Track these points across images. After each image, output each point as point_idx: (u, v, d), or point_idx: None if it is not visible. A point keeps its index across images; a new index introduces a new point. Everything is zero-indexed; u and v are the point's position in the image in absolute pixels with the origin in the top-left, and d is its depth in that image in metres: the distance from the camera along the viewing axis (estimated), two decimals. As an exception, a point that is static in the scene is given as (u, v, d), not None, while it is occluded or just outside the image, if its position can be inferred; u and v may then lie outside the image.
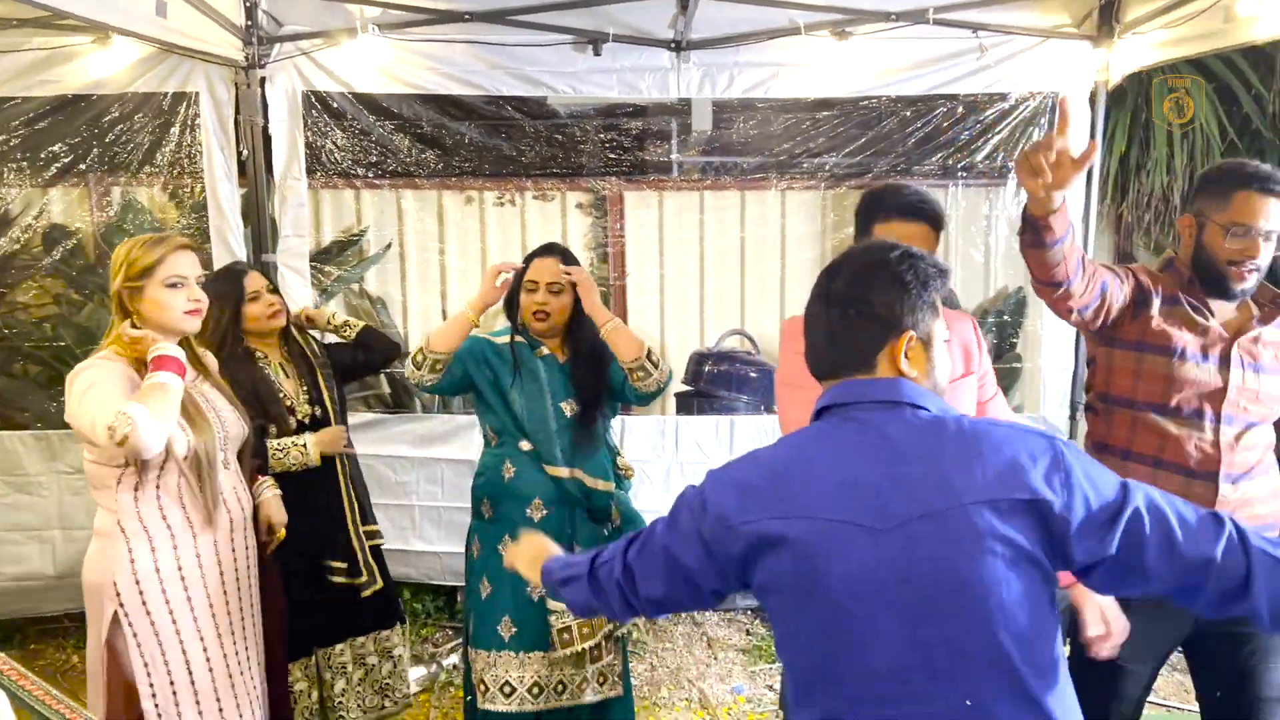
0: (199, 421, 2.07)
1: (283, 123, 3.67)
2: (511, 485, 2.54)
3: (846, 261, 1.40)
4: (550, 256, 2.57)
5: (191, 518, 2.08)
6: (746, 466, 1.40)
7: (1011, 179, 3.97)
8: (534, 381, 2.55)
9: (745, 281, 4.53)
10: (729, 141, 4.32)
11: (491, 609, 2.56)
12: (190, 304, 2.09)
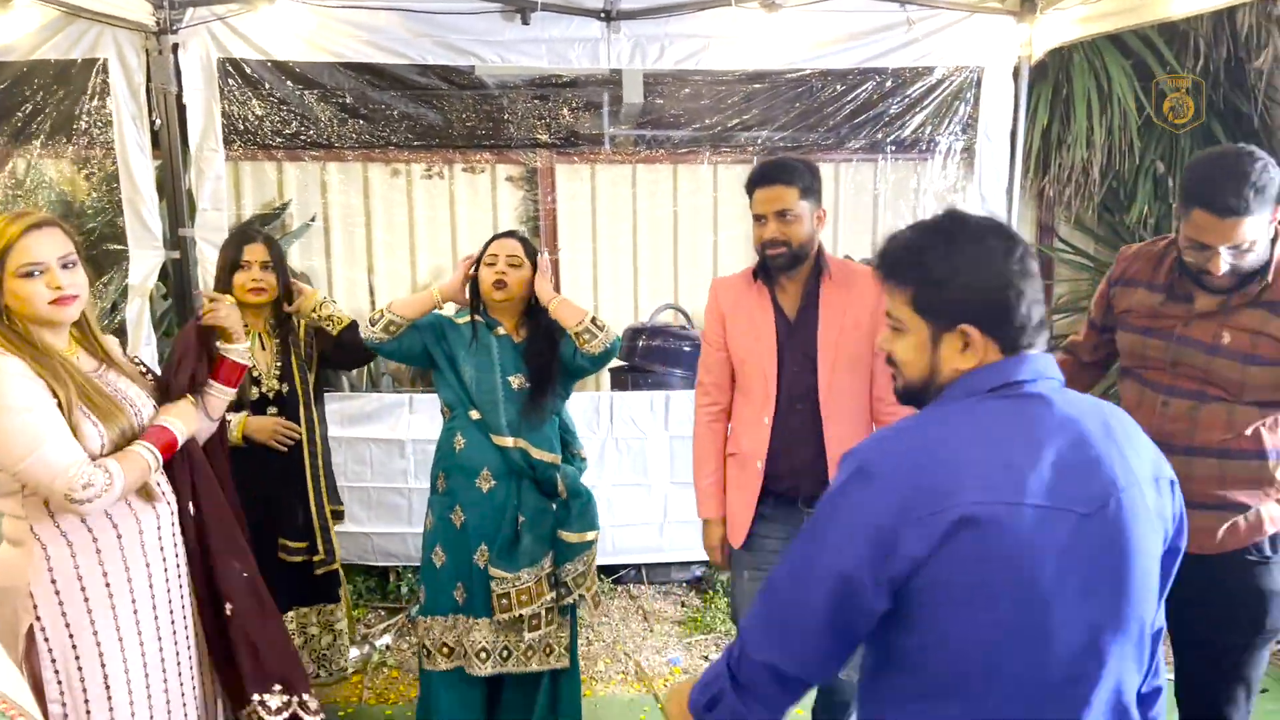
0: (110, 412, 1.91)
1: (198, 91, 3.52)
2: (461, 456, 2.63)
3: (1014, 234, 1.33)
4: (510, 238, 2.70)
5: (115, 518, 1.92)
6: (921, 448, 1.25)
7: (938, 153, 4.02)
8: (485, 355, 2.65)
9: (678, 255, 4.52)
10: (661, 114, 4.30)
11: (443, 577, 2.66)
12: (53, 292, 1.83)
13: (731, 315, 2.49)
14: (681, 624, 3.89)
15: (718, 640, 3.75)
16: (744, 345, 2.46)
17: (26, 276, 1.82)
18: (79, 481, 1.77)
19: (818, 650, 1.29)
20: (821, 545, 1.26)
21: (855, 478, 1.25)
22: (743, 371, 2.48)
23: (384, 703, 3.33)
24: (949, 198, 4.13)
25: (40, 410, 1.79)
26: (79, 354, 1.98)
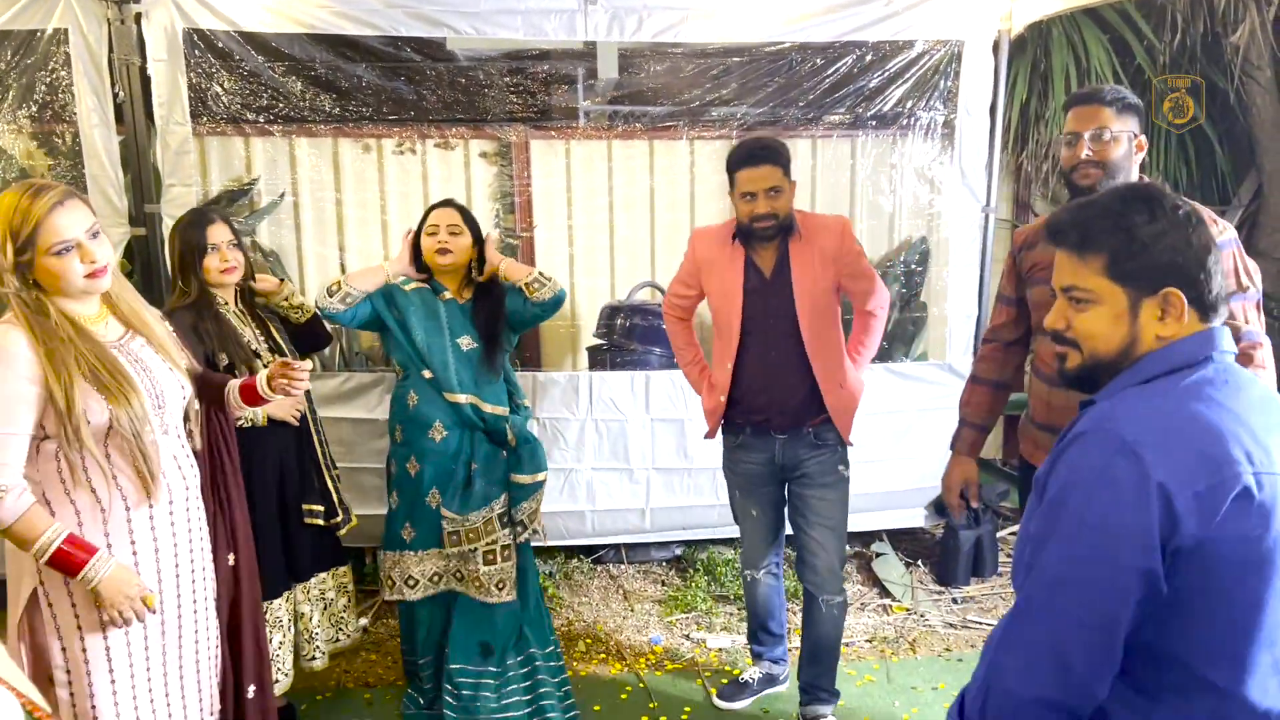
0: (119, 388, 1.88)
1: (162, 63, 3.43)
2: (415, 411, 2.88)
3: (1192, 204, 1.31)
4: (448, 207, 2.94)
5: (125, 492, 1.92)
6: (1186, 418, 1.19)
7: (918, 128, 3.99)
8: (434, 319, 2.88)
9: (655, 232, 4.47)
10: (638, 89, 4.23)
11: (398, 517, 2.95)
12: (87, 266, 1.86)
13: (706, 267, 2.85)
14: (662, 603, 3.87)
15: (698, 619, 3.74)
16: (716, 296, 2.83)
17: (60, 254, 1.83)
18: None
19: (1106, 667, 1.16)
20: (1105, 540, 1.14)
21: (1120, 457, 1.15)
22: (716, 318, 2.86)
23: (363, 685, 3.29)
24: (929, 173, 4.11)
25: (11, 401, 1.80)
26: (107, 320, 1.98)
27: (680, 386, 3.91)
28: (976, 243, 3.99)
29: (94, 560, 1.86)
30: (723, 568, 4.03)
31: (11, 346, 1.80)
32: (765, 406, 2.80)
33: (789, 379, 2.76)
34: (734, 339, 2.78)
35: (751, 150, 2.63)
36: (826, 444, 2.83)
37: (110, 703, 1.94)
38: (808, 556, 2.89)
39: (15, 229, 1.79)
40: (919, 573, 4.12)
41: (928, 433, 4.02)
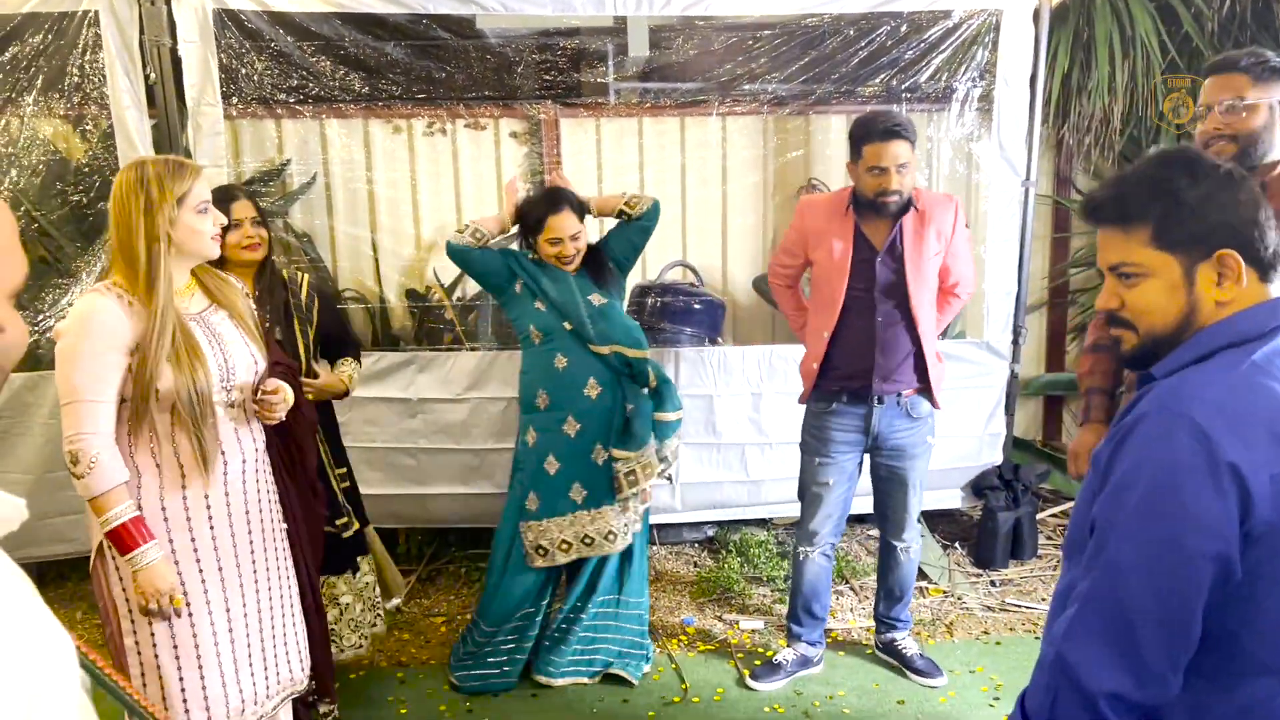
0: (188, 360, 1.97)
1: (193, 44, 3.43)
2: (567, 372, 2.94)
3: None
4: (566, 210, 2.95)
5: (182, 463, 2.02)
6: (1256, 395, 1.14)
7: (955, 100, 3.90)
8: (562, 281, 2.97)
9: (686, 210, 4.42)
10: (667, 65, 4.17)
11: (559, 482, 2.98)
12: (216, 229, 2.06)
13: (815, 238, 2.90)
14: (694, 584, 3.85)
15: (731, 600, 3.72)
16: (822, 266, 2.89)
17: (203, 213, 2.03)
18: (70, 449, 1.93)
19: (1181, 658, 1.11)
20: (1174, 526, 1.09)
21: (1188, 438, 1.10)
22: (817, 287, 2.94)
23: (396, 664, 3.31)
24: (966, 146, 4.02)
25: (98, 367, 1.92)
26: (194, 293, 2.10)
27: (710, 363, 3.87)
28: (1016, 218, 3.89)
29: (144, 547, 1.96)
30: (755, 549, 3.99)
31: (105, 313, 1.93)
32: (866, 373, 2.88)
33: (893, 349, 2.86)
34: (835, 308, 2.85)
35: (888, 126, 2.68)
36: (920, 416, 2.97)
37: (172, 655, 2.03)
38: (890, 514, 3.10)
39: (176, 187, 1.99)
40: (956, 555, 4.06)
41: (965, 412, 3.95)
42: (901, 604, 3.20)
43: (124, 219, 1.97)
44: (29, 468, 3.59)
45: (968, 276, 3.00)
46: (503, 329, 4.13)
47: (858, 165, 2.77)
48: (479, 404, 3.86)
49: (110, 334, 1.93)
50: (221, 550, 2.09)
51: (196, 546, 2.05)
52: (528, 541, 3.01)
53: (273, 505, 2.22)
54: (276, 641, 2.23)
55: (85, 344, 1.92)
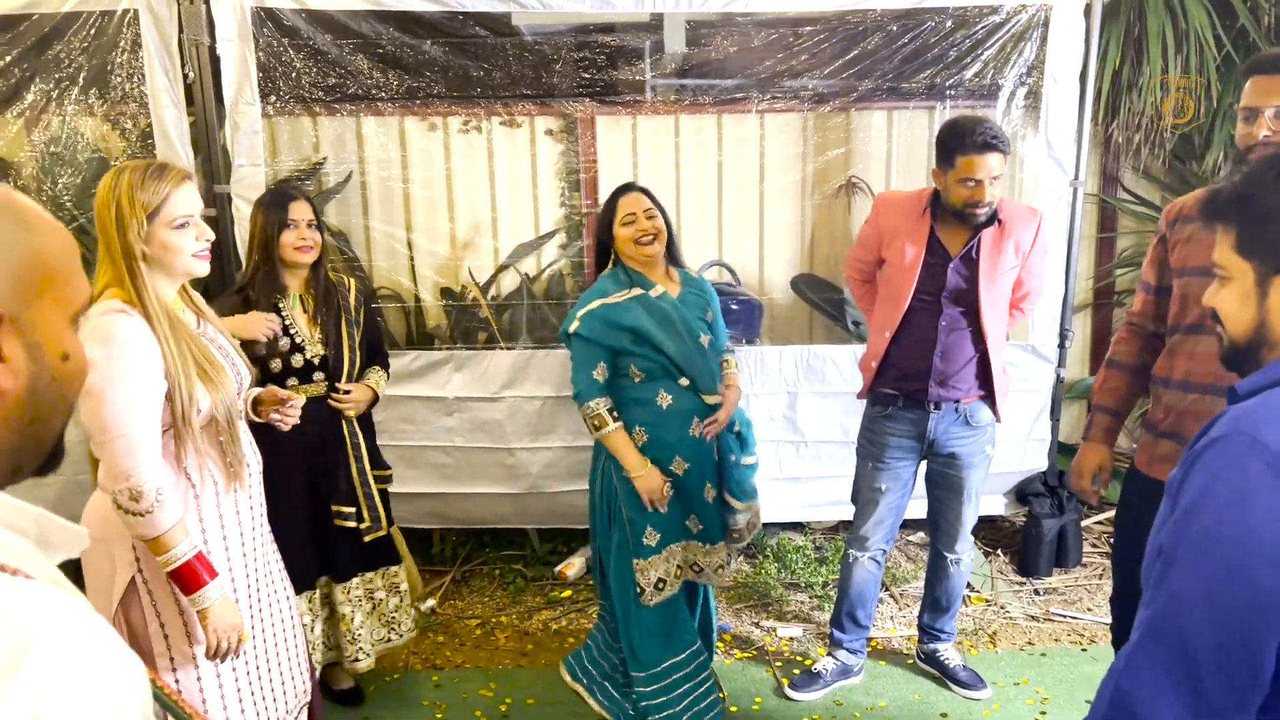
0: (219, 379, 1.91)
1: (231, 43, 3.42)
2: (671, 411, 2.69)
3: None
4: (634, 191, 2.75)
5: (216, 477, 1.95)
6: None
7: (1003, 97, 3.81)
8: (670, 324, 2.67)
9: (723, 208, 4.36)
10: (705, 61, 4.11)
11: (672, 516, 2.74)
12: (199, 245, 1.89)
13: (889, 235, 2.83)
14: (731, 590, 3.80)
15: (768, 606, 3.66)
16: (893, 265, 2.82)
17: (180, 228, 1.86)
18: (129, 488, 1.77)
19: (1249, 696, 1.04)
20: (1242, 556, 1.02)
21: (1259, 463, 1.04)
22: (884, 284, 2.88)
23: (431, 667, 3.29)
24: (1013, 146, 3.92)
25: (141, 397, 1.79)
26: (184, 308, 1.99)
27: (746, 363, 3.82)
28: (1063, 218, 3.80)
29: (212, 584, 1.86)
30: (793, 554, 3.93)
31: (133, 336, 1.79)
32: (922, 376, 2.81)
33: (955, 355, 2.79)
34: (900, 308, 2.79)
35: (985, 139, 2.58)
36: (979, 425, 2.89)
37: (215, 686, 1.97)
38: (944, 525, 3.02)
39: (146, 199, 1.82)
40: (999, 562, 3.97)
41: (1009, 416, 3.85)
42: (948, 616, 3.14)
43: (102, 232, 1.84)
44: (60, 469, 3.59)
45: (1037, 292, 2.93)
46: (538, 328, 4.10)
47: (946, 174, 2.67)
48: (515, 402, 3.84)
49: (143, 355, 1.80)
50: (250, 565, 2.04)
51: (231, 565, 1.99)
52: (645, 579, 2.73)
53: (264, 518, 2.15)
54: (294, 653, 2.19)
55: (126, 370, 1.77)
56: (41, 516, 0.76)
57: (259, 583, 2.08)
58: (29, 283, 0.75)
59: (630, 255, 2.70)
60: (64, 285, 0.79)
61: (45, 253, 0.77)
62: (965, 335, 2.78)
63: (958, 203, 2.66)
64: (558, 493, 3.88)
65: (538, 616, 3.62)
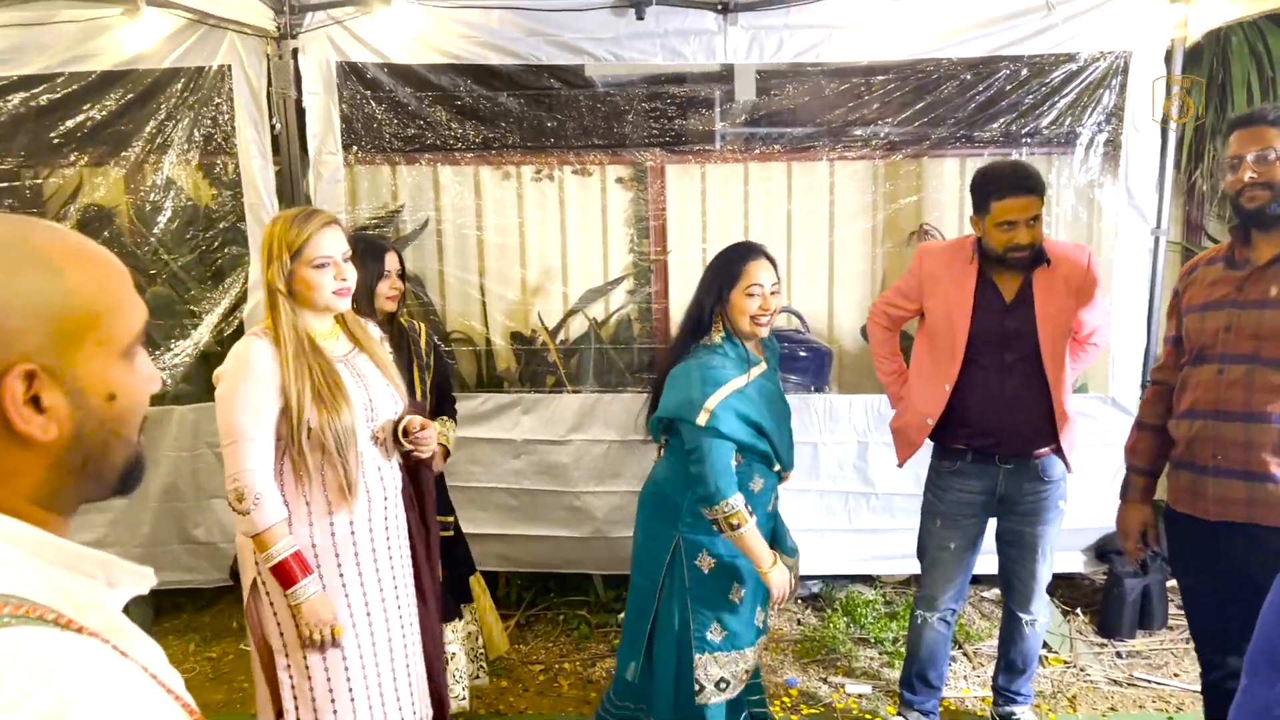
0: (333, 400, 2.07)
1: (316, 95, 3.56)
2: (760, 495, 2.52)
3: None
4: (763, 259, 2.49)
5: (329, 496, 2.11)
6: None
7: (1080, 144, 3.75)
8: (770, 403, 2.50)
9: (792, 256, 4.35)
10: (776, 110, 4.13)
11: (746, 611, 2.55)
12: (338, 283, 2.11)
13: (931, 284, 2.80)
14: (797, 643, 3.72)
15: (836, 661, 3.57)
16: (939, 315, 2.77)
17: (320, 268, 2.08)
18: (234, 487, 2.03)
19: None
20: None
21: None
22: (932, 336, 2.81)
23: (494, 713, 3.28)
24: (1090, 193, 3.85)
25: (256, 409, 2.03)
26: (338, 336, 2.22)
27: (815, 411, 3.78)
28: (1145, 267, 3.70)
29: (305, 581, 2.06)
30: (863, 609, 3.84)
31: (258, 357, 2.05)
32: (995, 431, 2.73)
33: (1025, 405, 2.71)
34: (956, 359, 2.73)
35: (1017, 181, 2.58)
36: (1051, 478, 2.78)
37: (325, 687, 2.11)
38: (1017, 584, 2.90)
39: (290, 240, 2.07)
40: (1078, 622, 3.82)
41: (1088, 470, 3.74)
42: (1024, 678, 3.01)
43: (263, 268, 2.12)
44: (153, 496, 3.73)
45: (1103, 326, 2.86)
46: (604, 372, 4.13)
47: (984, 219, 2.65)
48: (581, 446, 3.86)
49: (263, 374, 2.04)
50: (366, 584, 2.17)
51: (344, 580, 2.13)
52: (706, 676, 2.50)
53: (404, 545, 2.29)
54: (412, 678, 2.29)
55: (242, 385, 2.03)
56: (108, 561, 0.76)
57: (384, 600, 2.21)
58: (64, 332, 0.73)
59: (741, 329, 2.46)
60: (106, 323, 0.76)
61: (78, 295, 0.74)
62: (1030, 383, 2.70)
63: (999, 248, 2.63)
64: (623, 538, 3.86)
65: (601, 664, 3.58)
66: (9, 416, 0.71)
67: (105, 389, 0.77)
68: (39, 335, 0.72)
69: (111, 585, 0.77)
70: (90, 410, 0.76)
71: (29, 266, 0.73)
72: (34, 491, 0.75)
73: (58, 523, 0.78)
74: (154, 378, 0.84)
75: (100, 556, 0.76)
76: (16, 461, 0.74)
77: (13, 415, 0.71)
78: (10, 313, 0.71)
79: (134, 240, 3.93)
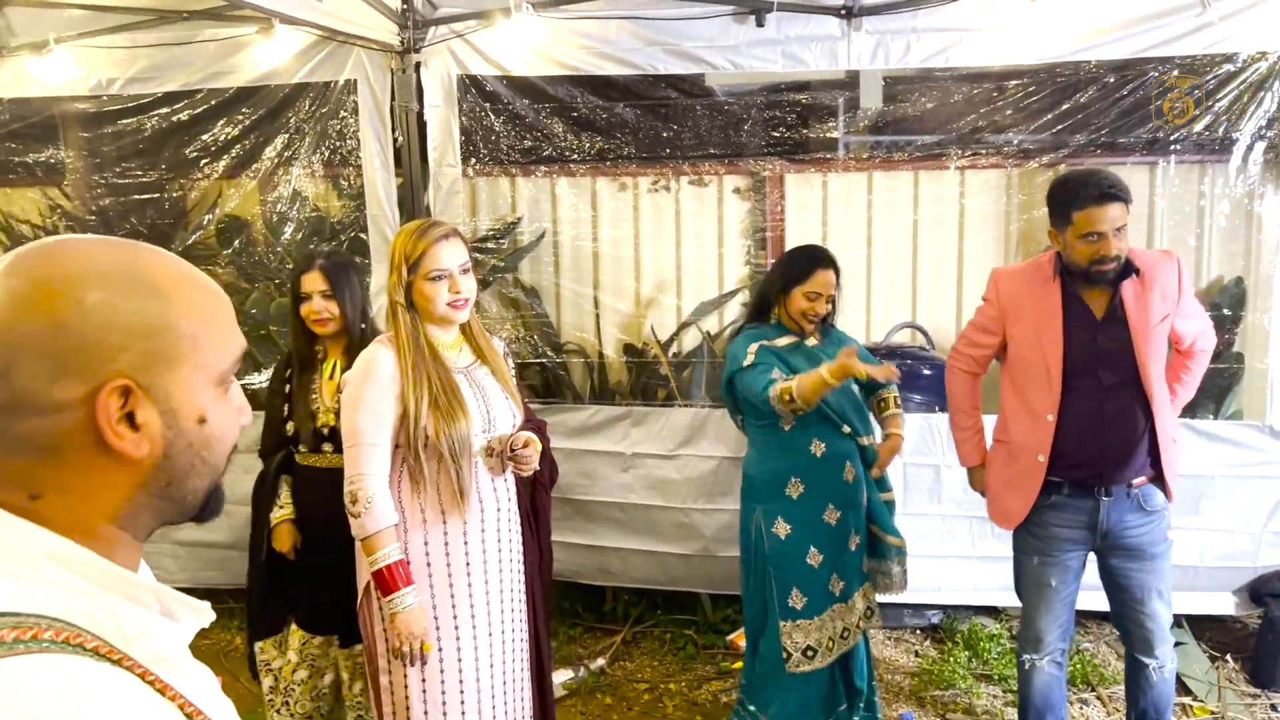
0: (450, 410, 2.10)
1: (437, 108, 3.62)
2: (825, 459, 2.73)
3: None
4: (830, 270, 2.78)
5: (443, 503, 2.14)
6: None
7: (1237, 151, 3.46)
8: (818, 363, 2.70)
9: (918, 269, 4.17)
10: (902, 117, 3.97)
11: (823, 577, 2.74)
12: (452, 295, 2.14)
13: (1014, 309, 2.61)
14: (915, 675, 3.54)
15: (956, 697, 3.39)
16: (1026, 341, 2.58)
17: (435, 280, 2.12)
18: (350, 489, 2.08)
19: None
20: None
21: None
22: (1020, 366, 2.61)
23: (596, 730, 3.24)
24: (1247, 204, 3.56)
25: (374, 412, 2.08)
26: (462, 348, 2.26)
27: (938, 431, 3.60)
28: (1309, 284, 3.38)
29: (404, 591, 2.08)
30: (986, 643, 3.63)
31: (382, 364, 2.10)
32: (1096, 460, 2.52)
33: (1127, 430, 2.51)
34: (1054, 386, 2.53)
35: (1103, 188, 2.41)
36: (1154, 509, 2.58)
37: (420, 696, 2.13)
38: (1135, 628, 2.66)
39: (408, 253, 2.12)
40: (1228, 669, 3.52)
41: (1239, 503, 3.46)
42: None
43: (387, 279, 2.16)
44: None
45: (1206, 332, 2.66)
46: (717, 386, 4.04)
47: (1064, 232, 2.47)
48: (691, 461, 3.79)
49: (384, 382, 2.08)
50: (475, 593, 2.18)
51: (453, 590, 2.15)
52: (793, 644, 2.73)
53: (517, 558, 2.29)
54: (514, 692, 2.29)
55: (364, 392, 2.08)
56: (161, 590, 0.75)
57: (490, 615, 2.21)
58: (162, 352, 0.74)
59: (794, 318, 2.79)
60: (205, 349, 0.77)
61: (181, 319, 0.76)
62: (1132, 406, 2.50)
63: (1082, 262, 2.45)
64: (731, 558, 3.76)
65: (707, 686, 3.50)
66: (102, 431, 0.71)
67: (198, 412, 0.77)
68: (137, 353, 0.73)
69: (167, 615, 0.75)
70: (181, 431, 0.76)
71: (136, 288, 0.74)
72: (115, 510, 0.75)
73: (130, 546, 0.77)
74: (245, 409, 0.84)
75: (154, 586, 0.75)
76: (104, 478, 0.74)
77: (106, 430, 0.71)
78: (112, 329, 0.72)
79: (266, 250, 4.08)
